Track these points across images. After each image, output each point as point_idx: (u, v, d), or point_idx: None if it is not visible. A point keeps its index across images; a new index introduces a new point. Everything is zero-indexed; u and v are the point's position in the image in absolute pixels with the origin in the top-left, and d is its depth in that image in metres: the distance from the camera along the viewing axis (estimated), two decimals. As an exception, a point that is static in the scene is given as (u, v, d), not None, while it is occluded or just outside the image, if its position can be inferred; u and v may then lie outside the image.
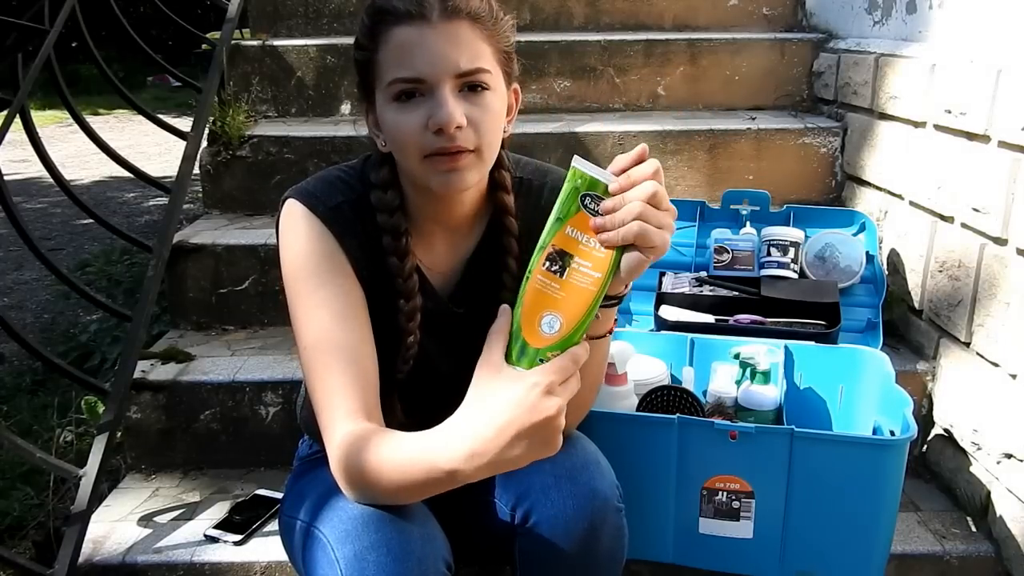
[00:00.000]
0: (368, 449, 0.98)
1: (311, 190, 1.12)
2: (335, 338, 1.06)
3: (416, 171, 1.06)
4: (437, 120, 1.00)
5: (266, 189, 2.30)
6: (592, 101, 2.58)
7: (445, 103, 1.00)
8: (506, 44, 1.07)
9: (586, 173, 0.90)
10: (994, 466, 1.59)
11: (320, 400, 1.05)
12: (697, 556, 1.47)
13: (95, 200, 4.86)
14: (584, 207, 0.90)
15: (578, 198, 0.90)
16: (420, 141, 1.02)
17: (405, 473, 0.96)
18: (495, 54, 1.05)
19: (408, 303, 1.13)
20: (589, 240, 0.90)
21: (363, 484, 1.00)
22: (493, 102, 1.04)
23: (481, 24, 1.03)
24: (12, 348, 2.77)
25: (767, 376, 1.57)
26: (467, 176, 1.05)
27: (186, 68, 3.04)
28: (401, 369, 1.17)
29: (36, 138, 1.85)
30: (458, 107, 1.01)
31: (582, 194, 0.90)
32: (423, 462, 0.94)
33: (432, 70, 1.00)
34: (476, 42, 1.02)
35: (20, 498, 1.83)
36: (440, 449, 0.93)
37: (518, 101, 1.14)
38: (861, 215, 2.05)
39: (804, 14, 2.78)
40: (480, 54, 1.02)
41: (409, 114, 1.02)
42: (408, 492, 0.98)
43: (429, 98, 1.01)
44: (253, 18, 2.78)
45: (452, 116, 1.00)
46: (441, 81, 1.00)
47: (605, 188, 0.90)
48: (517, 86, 1.13)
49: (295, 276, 1.09)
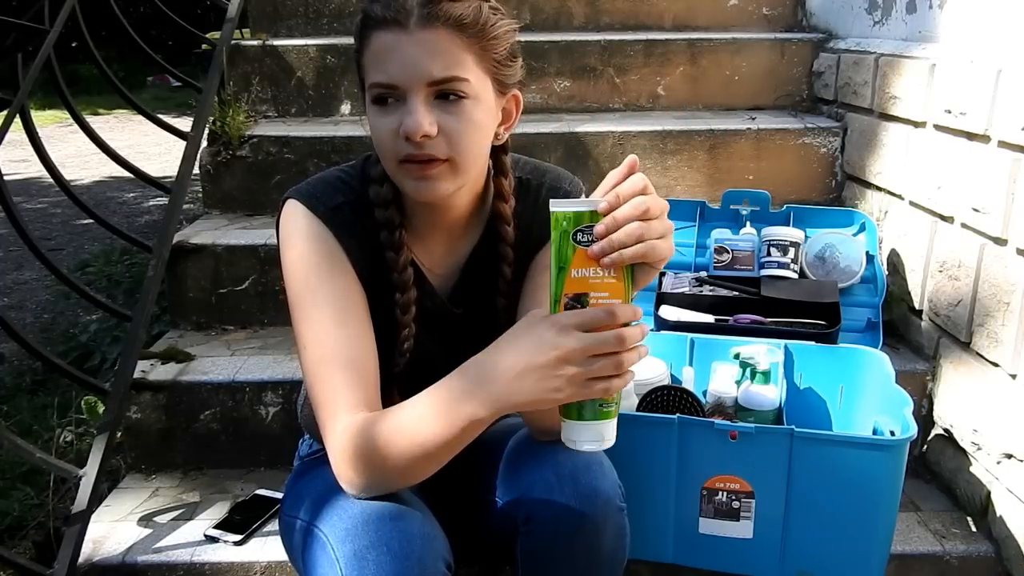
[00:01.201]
0: (375, 425, 0.99)
1: (311, 191, 1.13)
2: (336, 336, 1.06)
3: (393, 175, 1.08)
4: (405, 127, 1.00)
5: (266, 189, 2.30)
6: (592, 101, 2.58)
7: (414, 111, 1.00)
8: (497, 52, 1.05)
9: (567, 212, 0.86)
10: (994, 466, 1.59)
11: (320, 397, 1.05)
12: (697, 556, 1.47)
13: (95, 200, 4.86)
14: (579, 244, 0.87)
15: (569, 239, 0.87)
16: (393, 146, 1.03)
17: (418, 433, 0.95)
18: (481, 62, 1.03)
19: (403, 295, 1.14)
20: (597, 271, 0.87)
21: (373, 463, 0.99)
22: (472, 111, 1.03)
23: (463, 32, 1.01)
24: (12, 348, 2.76)
25: (767, 376, 1.57)
26: (440, 185, 1.05)
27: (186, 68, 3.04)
28: (398, 363, 1.17)
29: (36, 138, 1.85)
30: (427, 115, 1.00)
31: (571, 233, 0.87)
32: (437, 412, 0.94)
33: (404, 77, 1.00)
34: (455, 51, 1.01)
35: (20, 498, 1.83)
36: (452, 391, 0.93)
37: (519, 108, 1.13)
38: (861, 215, 2.05)
39: (804, 14, 2.78)
40: (458, 62, 1.01)
41: (385, 118, 1.03)
42: (423, 458, 0.97)
43: (401, 104, 1.02)
44: (253, 18, 2.78)
45: (420, 125, 1.00)
46: (413, 89, 1.00)
47: (591, 214, 0.87)
48: (518, 93, 1.12)
49: (296, 276, 1.09)
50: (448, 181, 1.05)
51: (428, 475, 1.01)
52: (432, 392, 0.96)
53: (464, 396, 0.93)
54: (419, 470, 1.00)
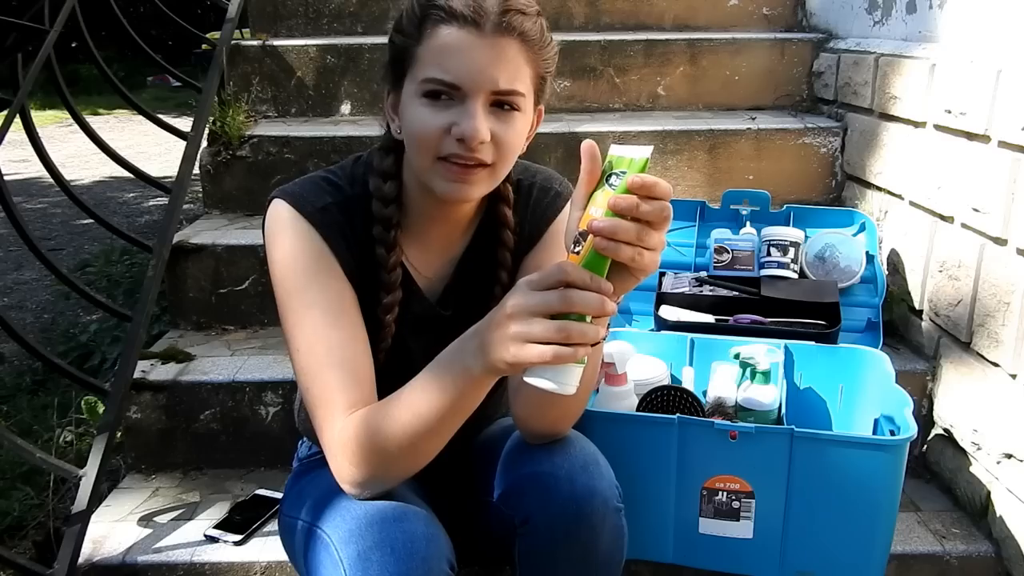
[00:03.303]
0: (373, 414, 0.99)
1: (297, 191, 1.12)
2: (327, 338, 1.06)
3: (424, 170, 1.06)
4: (462, 130, 1.00)
5: (266, 189, 2.26)
6: (592, 101, 2.58)
7: (475, 116, 1.00)
8: (546, 69, 1.07)
9: (621, 156, 0.84)
10: (994, 466, 1.59)
11: (315, 400, 1.05)
12: (697, 556, 1.47)
13: (95, 200, 4.86)
14: (609, 185, 0.84)
15: (604, 179, 0.84)
16: (438, 143, 1.02)
17: (417, 407, 0.95)
18: (534, 78, 1.05)
19: (388, 296, 1.14)
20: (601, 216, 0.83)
21: (375, 451, 0.99)
22: (520, 123, 1.04)
23: (529, 46, 1.02)
24: (12, 348, 2.76)
25: (767, 376, 1.56)
26: (475, 189, 1.05)
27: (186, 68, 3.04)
28: (378, 359, 1.16)
29: (36, 138, 1.85)
30: (486, 122, 1.00)
31: (608, 175, 0.84)
32: (432, 379, 0.95)
33: (471, 81, 1.00)
34: (519, 63, 1.01)
35: (20, 498, 1.83)
36: (444, 356, 0.94)
37: (539, 120, 1.14)
38: (861, 215, 2.05)
39: (804, 14, 2.78)
40: (520, 76, 1.02)
41: (435, 114, 1.01)
42: (425, 433, 0.97)
43: (459, 105, 1.01)
44: (253, 18, 2.78)
45: (479, 131, 0.99)
46: (476, 94, 1.00)
47: (629, 162, 0.83)
48: (543, 106, 1.12)
49: (283, 277, 1.09)
50: (483, 185, 1.06)
51: (430, 456, 1.01)
52: (427, 368, 0.97)
53: (455, 355, 0.93)
54: (422, 450, 0.99)
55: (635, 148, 0.84)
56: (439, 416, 0.95)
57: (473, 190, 1.05)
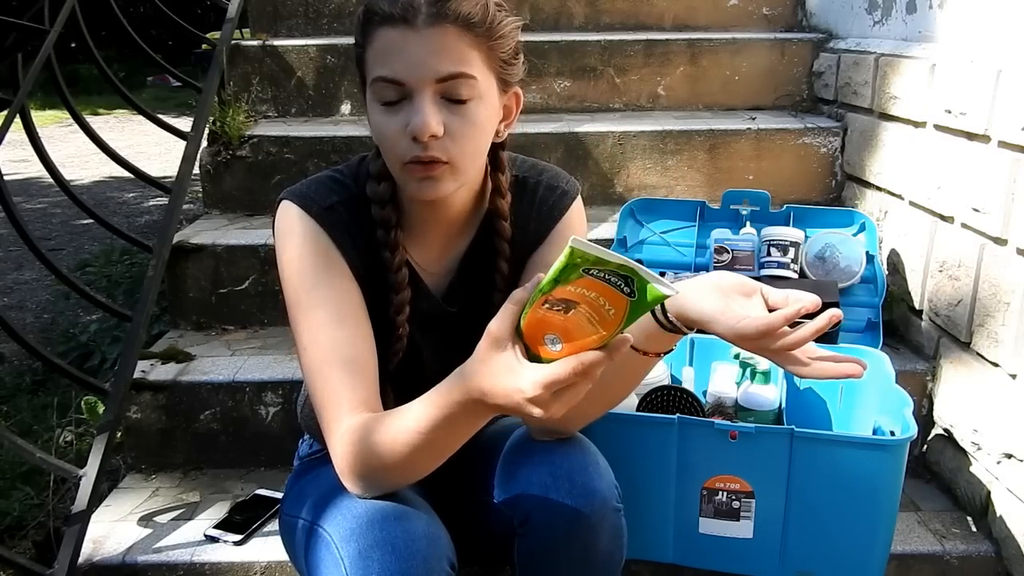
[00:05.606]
0: (377, 425, 0.99)
1: (305, 191, 1.13)
2: (334, 337, 1.06)
3: (397, 176, 1.07)
4: (413, 127, 1.00)
5: (266, 189, 2.30)
6: (592, 101, 2.58)
7: (421, 110, 1.00)
8: (503, 50, 1.05)
9: (592, 254, 0.78)
10: (994, 466, 1.59)
11: (321, 399, 1.05)
12: (697, 556, 1.47)
13: (95, 200, 4.86)
14: (592, 276, 0.79)
15: (580, 270, 0.79)
16: (399, 147, 1.03)
17: (417, 430, 0.95)
18: (487, 60, 1.03)
19: (397, 296, 1.14)
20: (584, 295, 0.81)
21: (376, 463, 0.99)
22: (477, 112, 1.04)
23: (471, 29, 1.01)
24: (12, 348, 2.76)
25: (767, 376, 1.57)
26: (441, 185, 1.05)
27: (186, 68, 3.05)
28: (391, 361, 1.17)
29: (36, 138, 1.85)
30: (435, 115, 1.00)
31: (588, 268, 0.79)
32: (432, 402, 0.94)
33: (412, 75, 1.00)
34: (463, 48, 1.01)
35: (20, 498, 1.83)
36: (450, 386, 0.92)
37: (519, 105, 1.13)
38: (861, 215, 2.05)
39: (804, 14, 2.78)
40: (466, 60, 1.01)
41: (391, 118, 1.02)
42: (425, 453, 0.97)
43: (409, 104, 1.01)
44: (253, 18, 2.78)
45: (428, 124, 0.99)
46: (421, 87, 1.00)
47: (616, 266, 0.79)
48: (519, 90, 1.12)
49: (292, 277, 1.09)
50: (449, 182, 1.05)
51: (431, 470, 1.01)
52: (431, 393, 0.96)
53: (461, 394, 0.92)
54: (421, 466, 1.00)
55: (606, 252, 0.78)
56: (438, 443, 0.96)
57: (440, 187, 1.05)
